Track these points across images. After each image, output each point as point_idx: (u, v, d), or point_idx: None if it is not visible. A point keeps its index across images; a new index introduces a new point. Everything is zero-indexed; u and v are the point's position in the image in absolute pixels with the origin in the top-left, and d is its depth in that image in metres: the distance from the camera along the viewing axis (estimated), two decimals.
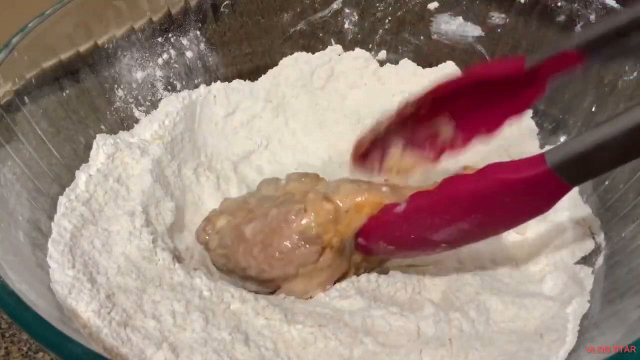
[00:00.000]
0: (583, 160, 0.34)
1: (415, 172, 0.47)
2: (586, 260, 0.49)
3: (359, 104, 0.63)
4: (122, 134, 0.56)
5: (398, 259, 0.49)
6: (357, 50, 0.65)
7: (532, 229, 0.52)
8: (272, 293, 0.48)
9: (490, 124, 0.42)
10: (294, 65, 0.63)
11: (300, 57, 0.64)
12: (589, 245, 0.50)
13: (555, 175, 0.34)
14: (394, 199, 0.42)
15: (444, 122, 0.44)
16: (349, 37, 0.66)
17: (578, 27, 0.55)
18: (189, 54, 0.62)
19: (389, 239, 0.43)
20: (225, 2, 0.63)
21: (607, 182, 0.51)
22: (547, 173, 0.35)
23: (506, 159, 0.57)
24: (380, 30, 0.65)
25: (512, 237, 0.52)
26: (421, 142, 0.45)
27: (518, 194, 0.36)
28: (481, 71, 0.42)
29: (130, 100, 0.58)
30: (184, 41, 0.61)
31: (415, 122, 0.45)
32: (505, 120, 0.43)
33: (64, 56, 0.52)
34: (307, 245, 0.44)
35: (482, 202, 0.38)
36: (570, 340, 0.42)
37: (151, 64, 0.59)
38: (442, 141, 0.45)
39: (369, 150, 0.47)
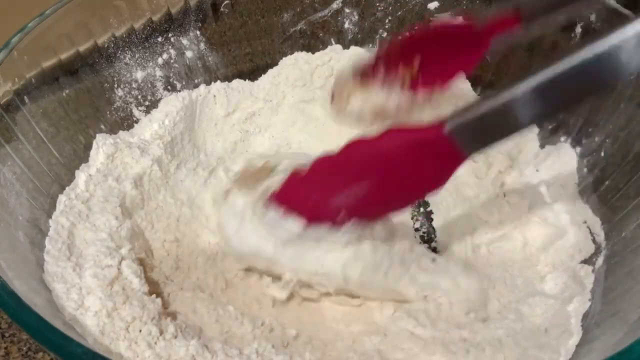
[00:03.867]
0: (475, 127, 0.35)
1: (394, 117, 0.51)
2: (586, 259, 0.49)
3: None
4: (122, 134, 0.56)
5: None
6: (353, 48, 0.65)
7: (533, 228, 0.52)
8: None
9: (444, 75, 0.48)
10: (294, 65, 0.63)
11: (300, 56, 0.64)
12: (589, 246, 0.50)
13: (450, 140, 0.35)
14: None
15: (408, 68, 0.48)
16: (349, 37, 0.66)
17: (578, 28, 0.55)
18: (189, 54, 0.62)
19: (294, 206, 0.43)
20: (225, 2, 0.63)
21: (607, 182, 0.51)
22: (443, 136, 0.35)
23: (507, 158, 0.57)
24: (380, 30, 0.65)
25: (513, 237, 0.52)
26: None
27: (415, 154, 0.37)
28: (439, 24, 0.49)
29: (130, 100, 0.58)
30: (184, 41, 0.61)
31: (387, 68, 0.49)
32: (456, 73, 0.49)
33: (63, 56, 0.52)
34: None
35: (381, 159, 0.38)
36: (577, 333, 0.43)
37: (151, 64, 0.59)
38: (406, 83, 0.49)
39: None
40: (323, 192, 0.42)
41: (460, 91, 0.61)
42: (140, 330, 0.40)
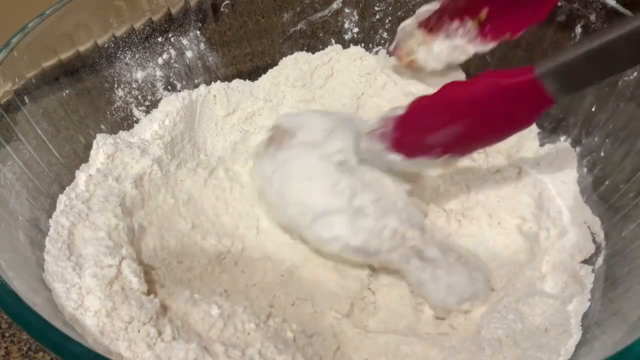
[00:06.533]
0: (565, 72, 0.37)
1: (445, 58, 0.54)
2: (586, 259, 0.49)
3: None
4: (122, 134, 0.56)
5: None
6: (353, 48, 0.65)
7: (532, 229, 0.52)
8: None
9: (514, 26, 0.49)
10: (294, 65, 0.63)
11: (300, 56, 0.64)
12: (589, 246, 0.50)
13: (540, 83, 0.37)
14: None
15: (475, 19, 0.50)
16: (349, 37, 0.66)
17: (578, 27, 0.55)
18: (189, 54, 0.62)
19: (394, 142, 0.46)
20: (225, 2, 0.63)
21: (607, 182, 0.51)
22: (534, 80, 0.37)
23: (507, 157, 0.57)
24: (380, 30, 0.65)
25: (512, 237, 0.52)
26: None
27: (507, 97, 0.39)
28: None
29: (130, 100, 0.58)
30: (184, 41, 0.61)
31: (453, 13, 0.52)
32: (527, 25, 0.49)
33: (64, 56, 0.52)
34: None
35: (476, 103, 0.41)
36: (577, 333, 0.43)
37: (151, 64, 0.59)
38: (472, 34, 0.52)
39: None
40: (421, 132, 0.44)
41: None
42: (139, 331, 0.40)
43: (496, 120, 0.41)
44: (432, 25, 0.53)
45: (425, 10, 0.53)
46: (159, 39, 0.59)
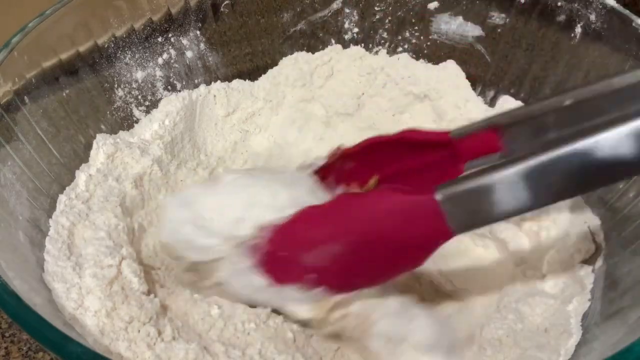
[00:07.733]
0: (462, 201, 0.33)
1: None
2: (586, 259, 0.49)
3: (358, 102, 0.63)
4: (122, 134, 0.56)
5: None
6: (353, 47, 0.65)
7: (532, 228, 0.52)
8: None
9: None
10: (294, 65, 0.63)
11: (300, 56, 0.64)
12: (589, 246, 0.50)
13: (439, 208, 0.33)
14: None
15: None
16: (349, 37, 0.66)
17: (578, 28, 0.55)
18: (189, 54, 0.62)
19: (263, 258, 0.39)
20: (225, 2, 0.63)
21: None
22: (433, 202, 0.33)
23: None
24: (380, 30, 0.65)
25: (512, 236, 0.52)
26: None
27: (400, 216, 0.35)
28: (410, 134, 0.42)
29: (130, 100, 0.58)
30: (184, 41, 0.61)
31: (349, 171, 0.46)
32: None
33: (64, 56, 0.52)
34: None
35: (365, 215, 0.36)
36: (577, 333, 0.43)
37: (151, 64, 0.59)
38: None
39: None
40: (298, 248, 0.38)
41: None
42: (139, 331, 0.40)
43: (385, 244, 0.36)
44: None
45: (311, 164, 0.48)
46: (159, 39, 0.59)
